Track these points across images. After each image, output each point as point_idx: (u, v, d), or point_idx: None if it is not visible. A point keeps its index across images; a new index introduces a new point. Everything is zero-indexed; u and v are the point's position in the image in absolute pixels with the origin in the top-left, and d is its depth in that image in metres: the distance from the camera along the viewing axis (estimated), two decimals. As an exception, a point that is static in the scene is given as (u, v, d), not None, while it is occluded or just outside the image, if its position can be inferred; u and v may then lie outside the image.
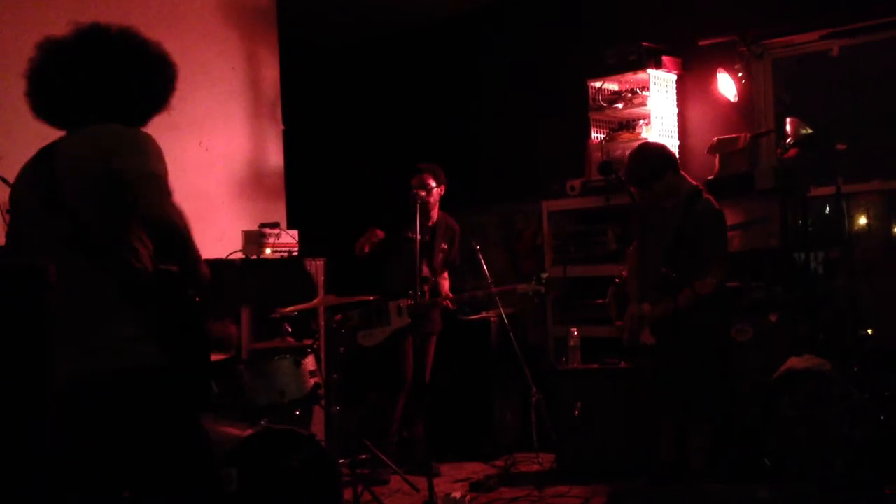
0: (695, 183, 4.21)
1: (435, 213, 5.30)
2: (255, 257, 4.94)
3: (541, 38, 6.36)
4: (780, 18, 5.23)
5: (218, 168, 5.47)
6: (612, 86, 5.62)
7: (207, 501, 2.43)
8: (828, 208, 4.82)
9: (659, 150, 4.25)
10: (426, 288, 5.16)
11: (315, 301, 4.68)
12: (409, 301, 4.99)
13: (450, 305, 5.30)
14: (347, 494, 4.25)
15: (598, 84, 5.57)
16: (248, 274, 4.91)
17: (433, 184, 5.19)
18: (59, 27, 4.36)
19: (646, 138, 5.34)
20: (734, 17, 5.35)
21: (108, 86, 2.39)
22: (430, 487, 4.24)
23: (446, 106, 6.89)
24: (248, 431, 3.68)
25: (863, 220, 4.86)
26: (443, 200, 5.32)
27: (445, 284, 5.41)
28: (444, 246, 5.33)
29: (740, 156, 5.11)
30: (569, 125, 5.84)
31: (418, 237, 4.66)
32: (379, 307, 5.09)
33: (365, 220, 5.32)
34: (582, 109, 5.64)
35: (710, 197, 4.12)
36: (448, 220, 5.40)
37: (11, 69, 4.47)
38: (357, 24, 6.94)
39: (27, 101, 2.46)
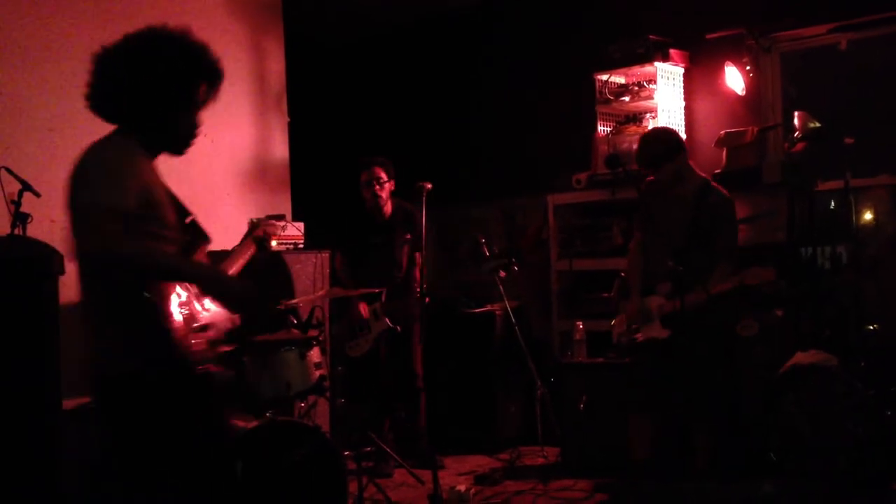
0: (703, 175, 4.20)
1: (388, 208, 5.25)
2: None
3: (544, 33, 6.33)
4: (788, 12, 5.20)
5: (223, 160, 5.47)
6: (618, 79, 5.60)
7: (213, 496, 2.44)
8: (833, 203, 4.80)
9: (670, 133, 4.26)
10: (399, 281, 5.16)
11: (320, 293, 4.68)
12: (379, 304, 4.98)
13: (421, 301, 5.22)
14: (352, 487, 4.25)
15: (604, 77, 5.56)
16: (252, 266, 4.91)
17: (385, 177, 5.15)
18: (61, 20, 4.34)
19: (653, 131, 5.33)
20: (742, 11, 5.33)
21: (129, 85, 2.41)
22: (435, 480, 4.22)
23: (448, 101, 6.85)
24: (254, 423, 3.68)
25: (870, 215, 4.83)
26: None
27: (416, 272, 5.24)
28: (407, 236, 5.24)
29: (747, 149, 5.09)
30: (572, 120, 5.82)
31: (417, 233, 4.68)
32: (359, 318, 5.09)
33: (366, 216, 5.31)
34: (585, 104, 5.63)
35: (720, 186, 4.11)
36: (403, 206, 5.27)
37: (14, 63, 4.51)
38: (358, 23, 6.92)
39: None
